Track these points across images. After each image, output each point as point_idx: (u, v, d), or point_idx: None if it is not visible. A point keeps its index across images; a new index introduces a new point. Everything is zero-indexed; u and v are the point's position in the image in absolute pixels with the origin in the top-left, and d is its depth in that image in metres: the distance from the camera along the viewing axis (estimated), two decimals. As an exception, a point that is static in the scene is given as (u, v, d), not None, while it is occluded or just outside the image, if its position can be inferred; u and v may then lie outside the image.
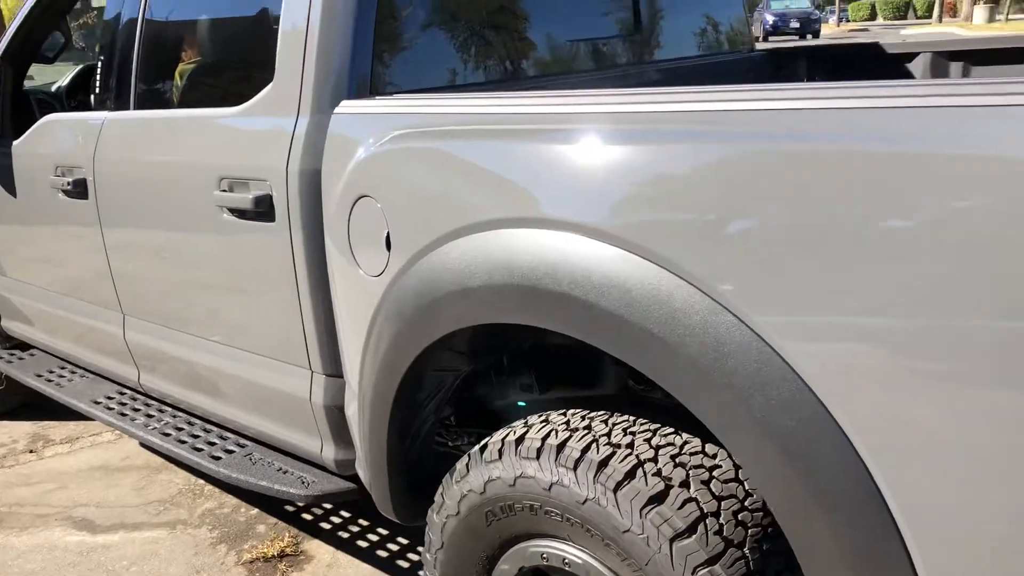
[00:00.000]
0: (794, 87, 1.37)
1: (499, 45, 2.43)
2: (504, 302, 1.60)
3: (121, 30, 2.70)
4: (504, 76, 2.42)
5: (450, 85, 2.27)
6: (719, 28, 3.11)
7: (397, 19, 2.19)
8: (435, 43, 2.31)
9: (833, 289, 1.22)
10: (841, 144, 1.23)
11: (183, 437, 2.73)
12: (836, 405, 1.24)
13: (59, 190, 2.83)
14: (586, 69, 2.63)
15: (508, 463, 1.68)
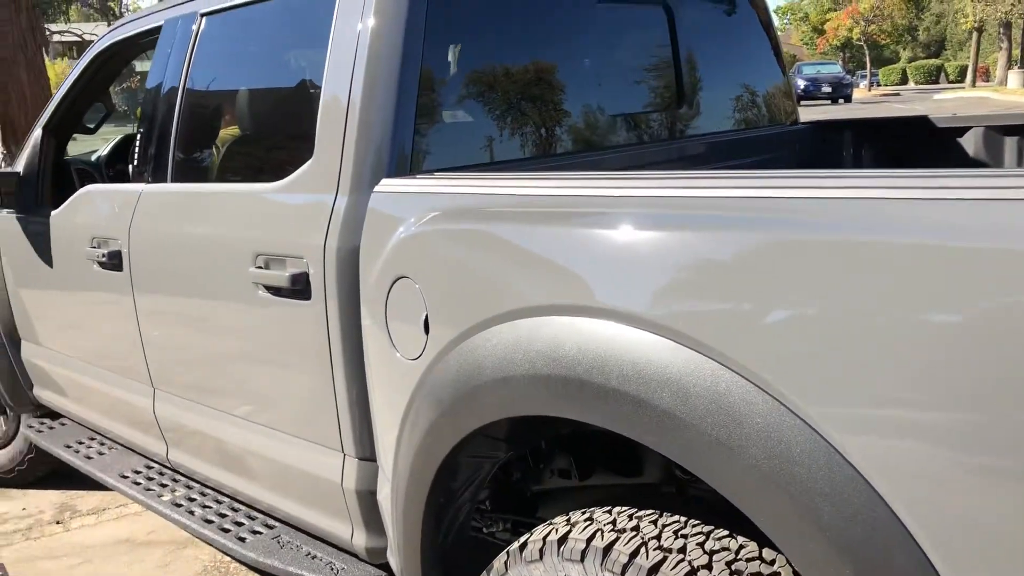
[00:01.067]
0: (843, 174, 1.31)
1: (541, 120, 2.40)
2: (547, 394, 1.52)
3: (161, 101, 2.71)
4: (546, 152, 2.38)
5: (492, 162, 2.23)
6: (763, 100, 3.06)
7: (438, 97, 2.16)
8: (477, 120, 2.28)
9: (904, 389, 1.13)
10: (895, 236, 1.15)
11: (210, 516, 2.66)
12: (909, 515, 1.14)
13: (94, 261, 2.82)
14: (629, 143, 2.59)
15: (550, 564, 1.59)
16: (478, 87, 2.29)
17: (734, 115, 2.96)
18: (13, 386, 3.60)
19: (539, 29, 2.45)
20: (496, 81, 2.32)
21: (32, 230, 3.23)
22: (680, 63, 2.69)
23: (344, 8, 2.14)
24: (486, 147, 2.27)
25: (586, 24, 2.54)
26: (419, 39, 2.07)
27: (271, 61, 2.62)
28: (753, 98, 3.03)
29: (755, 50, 3.01)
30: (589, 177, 1.66)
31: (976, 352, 1.07)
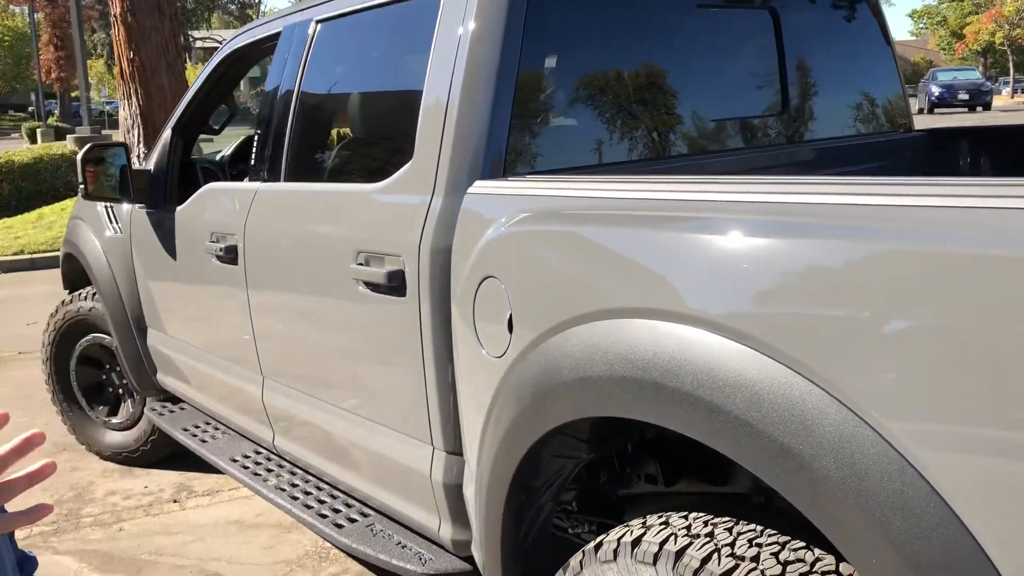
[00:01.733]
0: (952, 182, 1.26)
1: (635, 124, 2.40)
2: (623, 395, 1.53)
3: (277, 104, 2.85)
4: (640, 156, 2.38)
5: (583, 166, 2.25)
6: (875, 106, 2.97)
7: (534, 101, 2.20)
8: (571, 124, 2.30)
9: (986, 406, 1.09)
10: (991, 249, 1.11)
11: (310, 502, 2.77)
12: (984, 533, 1.10)
13: (213, 255, 2.98)
14: (727, 149, 2.56)
15: (623, 565, 1.60)
16: (574, 91, 2.31)
17: (843, 121, 2.88)
18: (139, 371, 3.84)
19: (636, 33, 2.45)
20: (592, 85, 2.34)
21: (159, 224, 3.45)
22: (786, 67, 2.64)
23: (447, 13, 2.20)
24: (579, 150, 2.29)
25: (684, 28, 2.53)
26: (517, 44, 2.11)
27: (379, 65, 2.72)
28: (863, 104, 2.94)
29: (867, 55, 2.92)
30: (676, 182, 1.66)
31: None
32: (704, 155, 2.48)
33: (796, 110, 2.72)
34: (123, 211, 3.75)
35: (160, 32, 10.07)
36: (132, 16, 9.87)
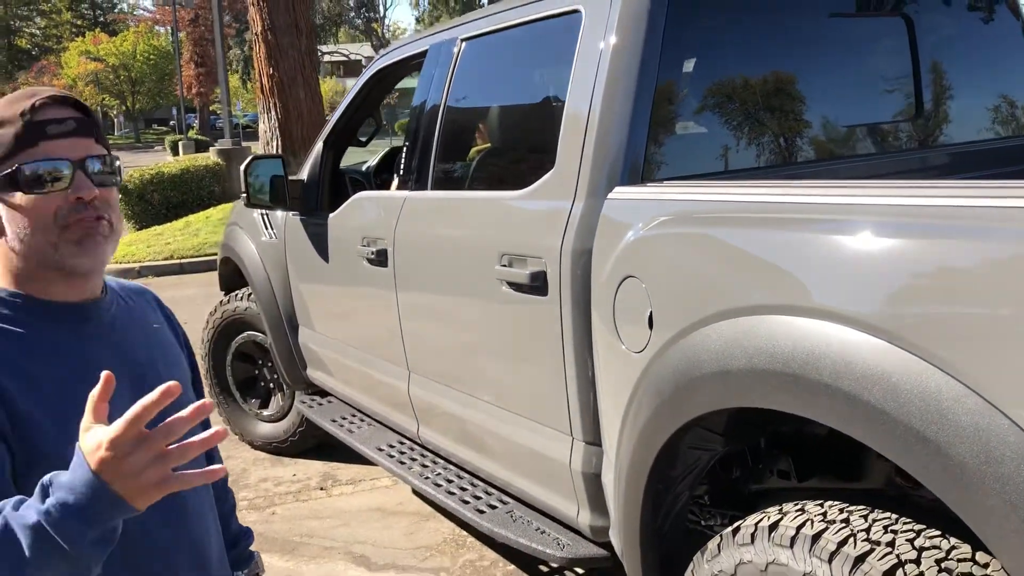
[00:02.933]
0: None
1: (770, 131, 2.48)
2: (763, 387, 1.63)
3: (425, 117, 3.06)
4: (775, 162, 2.46)
5: (718, 172, 2.35)
6: (1014, 108, 2.94)
7: (671, 110, 2.31)
8: (707, 131, 2.41)
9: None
10: None
11: (452, 489, 2.96)
12: None
13: (364, 258, 3.22)
14: (862, 154, 2.60)
15: (760, 548, 1.69)
16: (708, 101, 2.42)
17: (980, 124, 2.86)
18: (291, 366, 4.14)
19: (769, 43, 2.53)
20: (725, 94, 2.44)
21: (312, 230, 3.72)
22: (920, 72, 2.66)
23: (589, 29, 2.34)
24: (713, 157, 2.39)
25: (819, 36, 2.59)
26: (655, 57, 2.23)
27: (521, 80, 2.89)
28: (1002, 106, 2.91)
29: (1006, 56, 2.89)
30: (810, 186, 1.75)
31: None
32: (837, 160, 2.53)
33: (931, 114, 2.73)
34: (277, 218, 4.05)
35: (297, 49, 10.64)
36: (272, 34, 10.47)
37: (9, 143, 1.22)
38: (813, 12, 2.62)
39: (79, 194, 1.23)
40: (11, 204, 1.23)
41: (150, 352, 1.39)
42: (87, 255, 1.25)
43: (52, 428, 1.19)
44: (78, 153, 1.24)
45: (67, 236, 1.24)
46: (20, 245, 1.24)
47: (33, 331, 1.25)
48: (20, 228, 1.23)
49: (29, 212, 1.22)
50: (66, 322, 1.29)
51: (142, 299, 1.47)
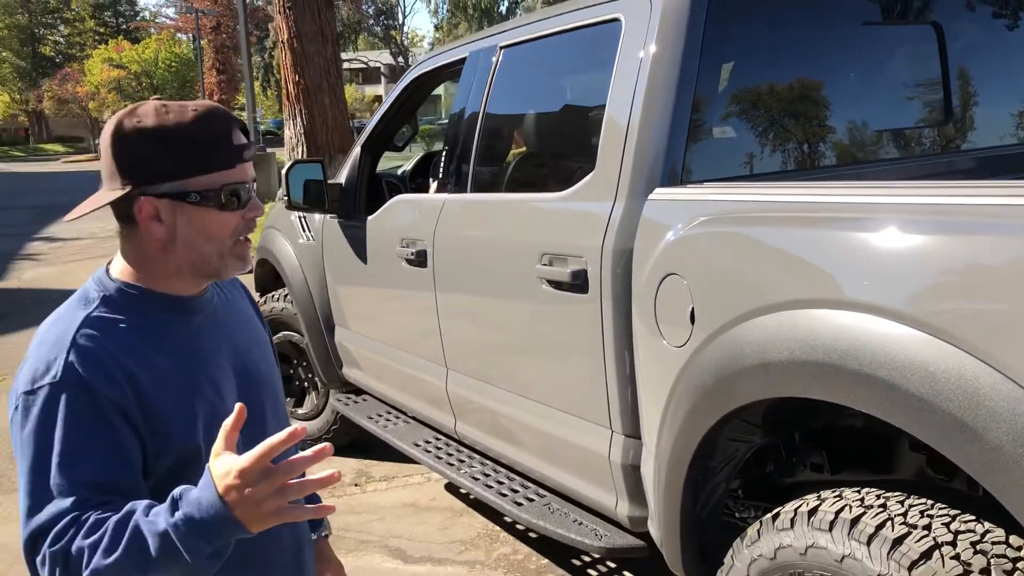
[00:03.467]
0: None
1: (800, 135, 2.56)
2: (804, 378, 1.71)
3: (464, 123, 3.15)
4: (806, 165, 2.54)
5: (753, 175, 2.43)
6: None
7: (708, 114, 2.40)
8: (742, 135, 2.49)
9: None
10: None
11: (490, 483, 3.04)
12: None
13: (403, 259, 3.31)
14: (893, 158, 2.68)
15: (799, 532, 1.77)
16: (745, 105, 2.50)
17: (1013, 130, 2.93)
18: (327, 365, 4.24)
19: (803, 50, 2.61)
20: (762, 99, 2.52)
21: (351, 232, 3.82)
22: (949, 79, 2.73)
23: (629, 36, 2.43)
24: (750, 160, 2.47)
25: (850, 43, 2.67)
26: (694, 64, 2.31)
27: (561, 86, 2.98)
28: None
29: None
30: (844, 187, 1.83)
31: None
32: (868, 164, 2.61)
33: (961, 119, 2.80)
34: (315, 220, 4.16)
35: (323, 56, 10.78)
36: (298, 42, 10.61)
37: (210, 160, 1.31)
38: (846, 20, 2.69)
39: (253, 214, 1.36)
40: (196, 216, 1.32)
41: (246, 337, 1.51)
42: (242, 269, 1.39)
43: (181, 421, 1.30)
44: (253, 176, 1.37)
45: (235, 250, 1.36)
46: (186, 251, 1.33)
47: (155, 323, 1.35)
48: (198, 237, 1.32)
49: (214, 226, 1.33)
50: (182, 314, 1.39)
51: (234, 288, 1.58)
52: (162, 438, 1.28)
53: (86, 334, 1.27)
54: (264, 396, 1.48)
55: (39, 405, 1.22)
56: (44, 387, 1.23)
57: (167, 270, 1.36)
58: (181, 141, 1.29)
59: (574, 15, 2.71)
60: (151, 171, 1.30)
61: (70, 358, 1.24)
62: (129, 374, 1.26)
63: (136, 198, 1.30)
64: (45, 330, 1.30)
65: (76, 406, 1.21)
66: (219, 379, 1.39)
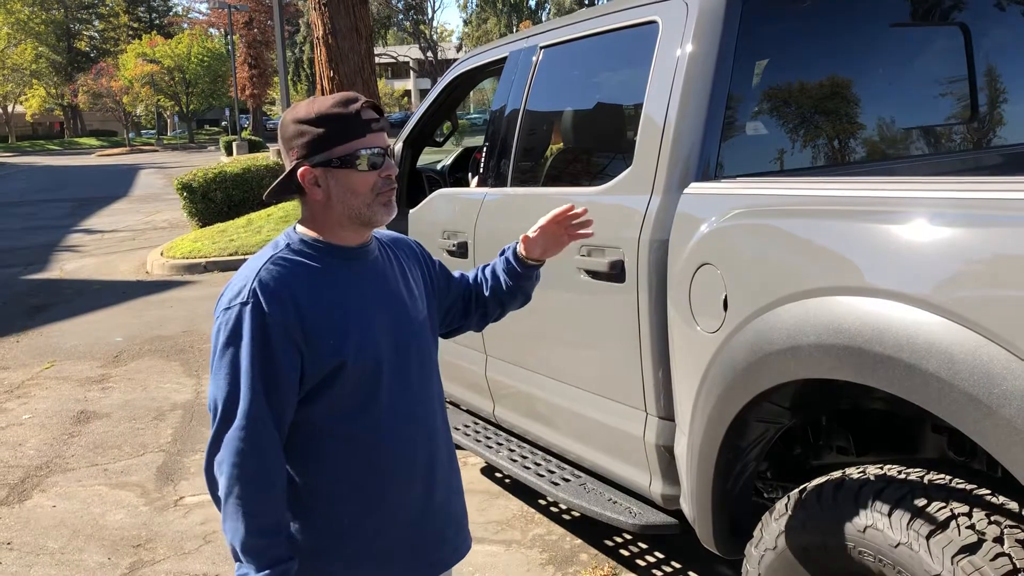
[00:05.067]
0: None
1: (830, 132, 2.67)
2: (831, 360, 1.83)
3: (505, 120, 3.29)
4: (835, 161, 2.64)
5: (783, 170, 2.54)
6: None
7: (742, 112, 2.52)
8: (774, 132, 2.60)
9: None
10: None
11: (527, 464, 3.18)
12: None
13: (444, 250, 3.46)
14: (919, 154, 2.78)
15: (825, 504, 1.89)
16: (777, 103, 2.61)
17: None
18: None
19: (834, 50, 2.72)
20: (793, 98, 2.63)
21: (393, 226, 3.97)
22: (976, 79, 2.83)
23: (666, 37, 2.55)
24: (781, 156, 2.58)
25: (880, 43, 2.77)
26: (728, 64, 2.43)
27: (599, 84, 3.10)
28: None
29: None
30: (868, 182, 1.94)
31: None
32: (894, 160, 2.71)
33: (988, 116, 2.89)
34: (357, 213, 4.31)
35: (357, 52, 10.95)
36: (332, 38, 10.79)
37: (345, 134, 1.64)
38: (878, 23, 2.79)
39: (388, 172, 1.69)
40: (343, 177, 1.66)
41: (400, 285, 1.81)
42: (389, 213, 1.71)
43: (333, 340, 1.64)
44: (385, 143, 1.70)
45: (379, 200, 1.69)
46: (341, 206, 1.67)
47: (327, 266, 1.69)
48: (347, 194, 1.66)
49: (357, 183, 1.66)
50: (346, 259, 1.72)
51: (398, 246, 1.91)
52: (317, 351, 1.62)
53: (269, 268, 1.64)
54: (409, 335, 1.78)
55: (228, 319, 1.61)
56: (235, 306, 1.61)
57: (331, 224, 1.70)
58: (323, 121, 1.64)
59: (613, 16, 2.84)
60: (305, 147, 1.66)
61: (253, 285, 1.61)
62: (296, 300, 1.62)
63: (298, 169, 1.66)
64: (246, 264, 1.68)
65: (253, 321, 1.58)
66: (371, 313, 1.71)
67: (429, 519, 1.80)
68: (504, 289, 2.10)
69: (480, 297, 2.11)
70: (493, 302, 2.11)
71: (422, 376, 1.80)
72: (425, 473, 1.79)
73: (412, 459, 1.76)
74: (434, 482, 1.81)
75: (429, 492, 1.80)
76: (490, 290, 2.10)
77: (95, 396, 6.00)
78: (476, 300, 2.11)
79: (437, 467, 1.82)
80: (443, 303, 2.02)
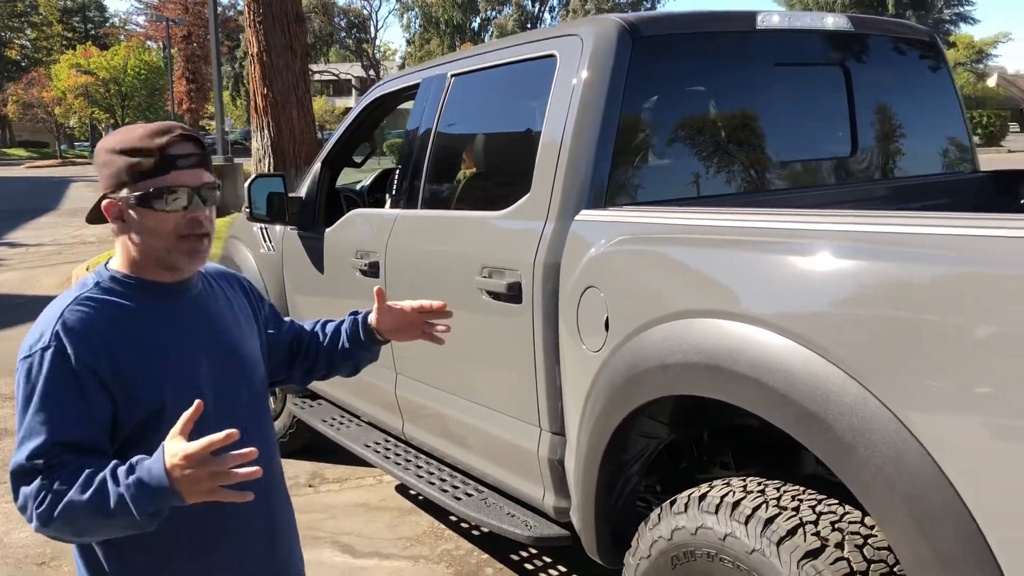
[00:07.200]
0: (932, 216, 1.67)
1: (718, 164, 2.83)
2: (694, 377, 1.97)
3: (416, 144, 3.39)
4: (720, 192, 2.80)
5: (671, 199, 2.68)
6: (939, 150, 3.31)
7: (631, 143, 2.66)
8: (660, 163, 2.75)
9: (968, 386, 1.48)
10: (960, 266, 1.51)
11: (432, 480, 3.26)
12: (957, 477, 1.48)
13: (357, 269, 3.53)
14: (799, 187, 2.95)
15: (692, 515, 2.01)
16: (665, 134, 2.76)
17: (910, 163, 3.23)
18: (284, 370, 4.43)
19: (723, 86, 2.89)
20: (681, 130, 2.78)
21: (308, 244, 4.03)
22: (855, 116, 3.02)
23: (563, 65, 2.68)
24: (668, 186, 2.73)
25: (765, 81, 2.95)
26: (619, 96, 2.56)
27: (504, 113, 3.23)
28: (931, 148, 3.28)
29: (934, 103, 3.27)
30: (741, 212, 2.09)
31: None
32: (777, 192, 2.88)
33: (864, 153, 3.09)
34: (276, 231, 4.36)
35: (291, 70, 10.95)
36: (267, 55, 10.77)
37: (148, 169, 1.56)
38: (764, 62, 2.97)
39: (194, 214, 1.59)
40: (142, 216, 1.58)
41: (228, 322, 1.75)
42: (193, 266, 1.64)
43: (149, 384, 1.56)
44: (198, 181, 1.59)
45: (180, 246, 1.59)
46: (142, 246, 1.60)
47: (141, 305, 1.61)
48: (147, 234, 1.58)
49: (156, 224, 1.58)
50: (163, 297, 1.64)
51: (226, 280, 1.84)
52: (131, 396, 1.54)
53: (74, 310, 1.54)
54: (239, 375, 1.72)
55: (29, 366, 1.51)
56: (36, 352, 1.51)
57: (143, 261, 1.62)
58: (127, 153, 1.57)
59: (516, 48, 2.97)
60: (109, 179, 1.59)
61: (56, 328, 1.52)
62: (105, 343, 1.53)
63: (103, 202, 1.59)
64: (49, 306, 1.58)
65: (55, 367, 1.49)
66: (193, 353, 1.64)
67: (274, 570, 1.77)
68: (339, 350, 2.00)
69: (311, 350, 2.00)
70: (324, 358, 2.00)
71: (256, 417, 1.74)
72: (264, 522, 1.73)
73: (249, 506, 1.56)
74: (275, 531, 1.76)
75: (271, 541, 1.75)
76: (326, 346, 2.00)
77: (8, 414, 5.89)
78: (306, 352, 2.00)
79: (276, 513, 1.78)
80: (270, 347, 1.90)
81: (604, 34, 2.60)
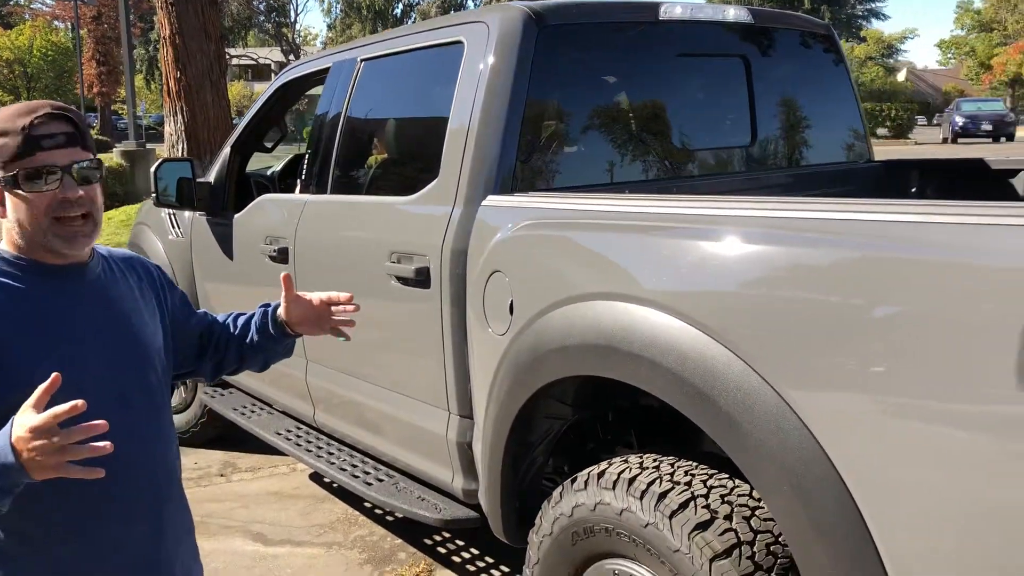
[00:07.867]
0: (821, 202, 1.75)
1: (621, 151, 2.89)
2: (591, 358, 2.02)
3: (325, 128, 3.37)
4: (625, 179, 2.86)
5: (577, 185, 2.74)
6: (836, 139, 3.44)
7: (537, 130, 2.70)
8: (567, 150, 2.80)
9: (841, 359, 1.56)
10: (843, 249, 1.59)
11: (344, 466, 3.26)
12: (834, 451, 1.57)
13: (266, 256, 3.50)
14: (699, 175, 3.04)
15: (591, 491, 2.07)
16: (571, 122, 2.81)
17: (807, 153, 3.35)
18: (194, 358, 4.36)
19: (627, 74, 2.95)
20: (586, 117, 2.83)
21: (218, 230, 3.97)
22: (755, 106, 3.12)
23: (470, 51, 2.70)
24: (574, 172, 2.78)
25: (668, 71, 3.02)
26: (524, 83, 2.60)
27: (412, 98, 3.23)
28: (825, 137, 3.41)
29: (831, 95, 3.39)
30: (639, 198, 2.15)
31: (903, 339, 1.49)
32: (679, 179, 2.96)
33: (764, 142, 3.19)
34: (185, 217, 4.28)
35: (205, 54, 10.68)
36: (180, 38, 10.48)
37: (12, 152, 1.51)
38: (667, 51, 3.04)
39: (65, 194, 1.54)
40: (15, 198, 1.54)
41: (127, 308, 1.70)
42: (72, 249, 1.58)
43: (29, 364, 1.51)
44: (67, 160, 1.54)
45: (56, 230, 1.55)
46: (19, 228, 1.56)
47: (30, 285, 1.57)
48: (20, 216, 1.55)
49: (27, 206, 1.54)
50: (57, 279, 1.60)
51: (132, 267, 1.78)
52: (11, 374, 1.50)
53: None
54: (134, 362, 1.66)
55: None
56: None
57: (26, 244, 1.58)
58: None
59: (424, 35, 2.97)
60: None
61: None
62: None
63: None
64: None
65: None
66: (83, 337, 1.59)
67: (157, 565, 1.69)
68: (248, 343, 1.95)
69: (222, 343, 1.94)
70: (235, 352, 1.95)
71: (149, 407, 1.68)
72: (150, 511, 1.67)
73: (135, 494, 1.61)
74: (161, 520, 1.69)
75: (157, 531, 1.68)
76: (236, 338, 1.94)
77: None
78: (216, 345, 1.94)
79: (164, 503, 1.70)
80: (178, 338, 1.85)
81: (510, 21, 2.63)
